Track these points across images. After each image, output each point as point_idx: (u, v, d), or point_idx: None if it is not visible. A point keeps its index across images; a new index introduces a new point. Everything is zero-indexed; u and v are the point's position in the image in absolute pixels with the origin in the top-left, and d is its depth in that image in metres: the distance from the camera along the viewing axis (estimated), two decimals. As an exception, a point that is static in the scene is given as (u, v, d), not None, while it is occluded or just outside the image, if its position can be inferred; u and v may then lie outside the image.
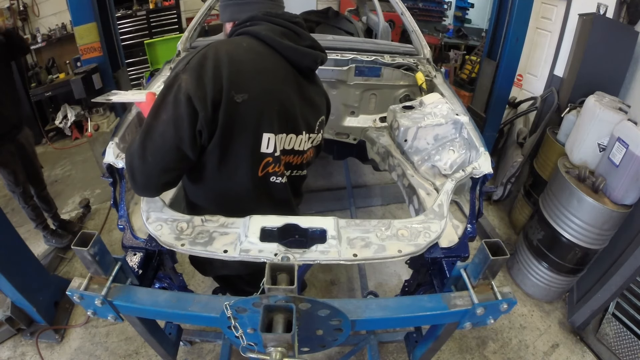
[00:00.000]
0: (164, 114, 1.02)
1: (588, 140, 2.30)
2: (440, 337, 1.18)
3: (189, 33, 2.42)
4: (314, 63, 1.22)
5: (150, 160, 1.04)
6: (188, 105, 1.00)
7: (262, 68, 1.11)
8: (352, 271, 2.76)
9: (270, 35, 1.12)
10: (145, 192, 1.15)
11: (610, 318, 2.33)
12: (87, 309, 1.02)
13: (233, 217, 1.20)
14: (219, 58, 1.04)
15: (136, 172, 1.06)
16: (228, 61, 1.04)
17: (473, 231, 1.41)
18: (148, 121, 1.04)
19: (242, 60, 1.07)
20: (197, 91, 1.00)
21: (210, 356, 2.21)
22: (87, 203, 3.31)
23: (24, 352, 2.24)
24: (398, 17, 2.62)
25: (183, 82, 1.01)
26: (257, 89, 1.08)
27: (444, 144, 1.78)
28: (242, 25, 1.16)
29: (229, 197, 1.24)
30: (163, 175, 1.08)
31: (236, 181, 1.19)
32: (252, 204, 1.25)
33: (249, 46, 1.11)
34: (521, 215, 3.11)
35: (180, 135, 1.02)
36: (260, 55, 1.12)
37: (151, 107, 1.05)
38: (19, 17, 4.37)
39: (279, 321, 0.83)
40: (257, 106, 1.09)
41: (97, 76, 3.02)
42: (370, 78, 2.30)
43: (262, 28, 1.13)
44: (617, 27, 2.76)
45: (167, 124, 1.02)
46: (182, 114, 1.00)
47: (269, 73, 1.12)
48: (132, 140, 1.09)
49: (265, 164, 1.19)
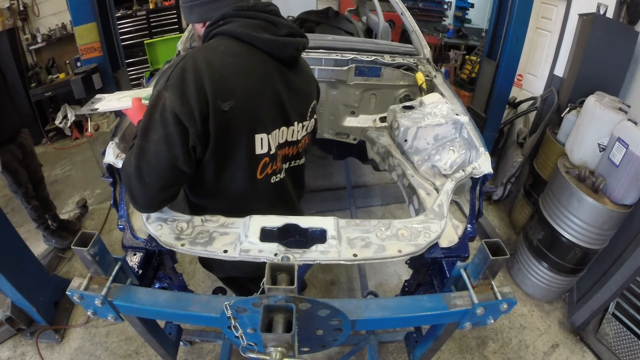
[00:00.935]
0: (153, 134, 1.00)
1: (588, 140, 2.30)
2: (440, 337, 1.18)
3: (189, 33, 2.41)
4: (296, 51, 1.18)
5: (147, 181, 1.03)
6: (177, 124, 0.98)
7: (244, 69, 1.08)
8: (352, 271, 2.76)
9: (245, 31, 1.07)
10: (146, 210, 1.15)
11: (610, 318, 2.33)
12: (87, 309, 1.02)
13: (234, 217, 1.20)
14: (198, 69, 1.00)
15: (136, 193, 1.06)
16: (208, 70, 1.01)
17: (473, 231, 1.41)
18: (139, 143, 1.02)
19: (222, 66, 1.04)
20: (183, 108, 0.98)
21: (210, 356, 2.21)
22: (84, 203, 3.31)
23: (24, 352, 2.24)
24: (398, 17, 2.63)
25: (167, 100, 0.98)
26: (242, 93, 1.06)
27: (444, 144, 1.78)
28: (215, 26, 1.11)
29: (230, 199, 1.24)
30: (162, 193, 1.09)
31: (236, 186, 1.19)
32: (253, 204, 1.25)
33: (226, 49, 1.07)
34: (521, 215, 3.12)
35: (174, 153, 1.02)
36: (240, 56, 1.08)
37: (139, 127, 1.04)
38: (19, 17, 4.36)
39: (279, 321, 0.83)
40: (246, 110, 1.07)
41: (97, 76, 3.02)
42: (370, 78, 2.30)
43: (237, 25, 1.08)
44: (617, 27, 2.76)
45: (159, 144, 1.00)
46: (171, 132, 0.99)
47: (252, 73, 1.09)
48: (126, 160, 1.08)
49: (264, 165, 1.18)
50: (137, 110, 1.22)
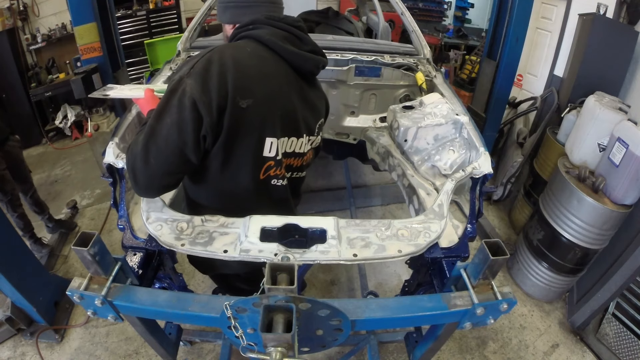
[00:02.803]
0: (167, 118, 1.02)
1: (588, 140, 2.30)
2: (440, 337, 1.18)
3: (189, 33, 2.41)
4: (316, 68, 1.24)
5: (153, 163, 1.03)
6: (193, 110, 1.00)
7: (266, 73, 1.12)
8: (352, 271, 2.76)
9: (273, 39, 1.13)
10: (146, 194, 1.15)
11: (610, 318, 2.33)
12: (87, 309, 1.02)
13: (232, 216, 1.20)
14: (224, 63, 1.04)
15: (138, 174, 1.05)
16: (233, 66, 1.04)
17: (473, 231, 1.41)
18: (151, 123, 1.03)
19: (247, 65, 1.08)
20: (202, 96, 1.00)
21: (210, 356, 2.21)
22: (74, 204, 3.29)
23: (24, 352, 2.24)
24: (398, 17, 2.62)
25: (188, 86, 1.01)
26: (262, 94, 1.10)
27: (444, 144, 1.78)
28: (245, 29, 1.16)
29: (230, 197, 1.24)
30: (165, 178, 1.08)
31: (238, 183, 1.20)
32: (252, 204, 1.26)
33: (253, 51, 1.12)
34: (521, 215, 3.12)
35: (184, 139, 1.03)
36: (264, 60, 1.13)
37: (155, 110, 1.05)
38: (19, 17, 4.36)
39: (279, 321, 0.83)
40: (262, 111, 1.10)
41: (97, 76, 3.02)
42: (370, 78, 2.30)
43: (265, 32, 1.13)
44: (617, 27, 2.76)
45: (171, 128, 1.01)
46: (186, 119, 1.01)
47: (273, 78, 1.14)
48: (133, 141, 1.08)
49: (267, 167, 1.20)
50: (149, 100, 1.26)
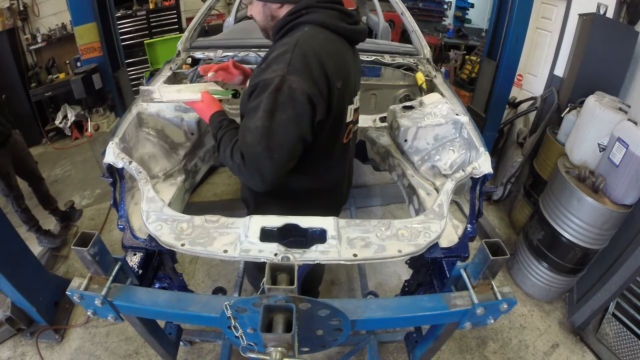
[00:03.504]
0: (281, 114, 1.07)
1: (588, 140, 2.30)
2: (440, 337, 1.18)
3: (189, 33, 2.41)
4: (365, 37, 1.36)
5: (277, 157, 1.09)
6: (308, 102, 1.09)
7: (341, 54, 1.23)
8: (352, 271, 2.76)
9: (332, 21, 1.21)
10: (272, 185, 1.16)
11: (610, 318, 2.33)
12: (87, 309, 1.02)
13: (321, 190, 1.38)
14: (317, 53, 1.12)
15: (267, 172, 1.11)
16: (325, 55, 1.14)
17: (473, 231, 1.41)
18: (265, 124, 1.06)
19: (330, 51, 1.17)
20: (313, 89, 1.09)
21: (210, 356, 2.21)
22: (71, 205, 3.29)
23: (24, 352, 2.24)
24: (398, 17, 2.62)
25: (294, 83, 1.07)
26: (345, 72, 1.22)
27: (444, 144, 1.78)
28: (298, 14, 1.20)
29: (324, 164, 1.35)
30: (289, 164, 1.15)
31: (332, 150, 1.32)
32: (337, 165, 1.42)
33: (325, 37, 1.19)
34: (521, 215, 3.12)
35: (303, 129, 1.11)
36: (335, 42, 1.22)
37: (262, 110, 1.07)
38: (19, 17, 4.36)
39: (279, 321, 0.83)
40: (347, 87, 1.25)
41: (97, 76, 3.02)
42: (370, 78, 2.30)
43: (323, 16, 1.20)
44: (617, 27, 2.76)
45: (289, 123, 1.08)
46: (302, 112, 1.09)
47: (345, 55, 1.25)
48: (244, 146, 1.10)
49: (349, 131, 1.36)
50: (210, 104, 1.31)
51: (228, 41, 2.42)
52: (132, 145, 1.64)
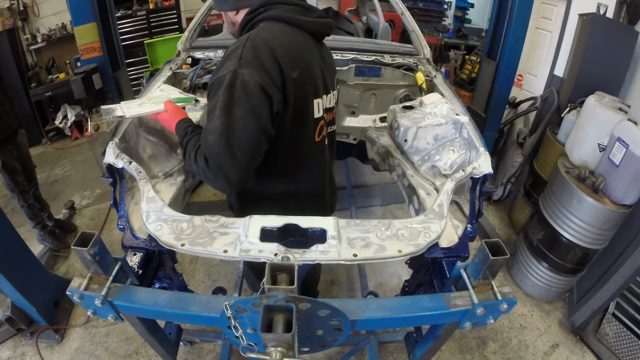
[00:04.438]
0: (238, 110, 1.06)
1: (588, 140, 2.30)
2: (440, 337, 1.18)
3: (189, 33, 2.41)
4: (329, 29, 1.36)
5: (239, 155, 1.07)
6: (261, 93, 1.07)
7: (298, 44, 1.22)
8: (352, 271, 2.76)
9: (290, 15, 1.22)
10: (239, 186, 1.15)
11: (610, 318, 2.33)
12: (87, 309, 1.02)
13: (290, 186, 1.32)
14: (268, 44, 1.11)
15: (229, 171, 1.08)
16: (277, 45, 1.12)
17: (473, 231, 1.41)
18: (224, 121, 1.05)
19: (284, 41, 1.16)
20: (264, 78, 1.07)
21: (210, 356, 2.21)
22: (71, 205, 3.30)
23: (24, 352, 2.24)
24: (398, 17, 2.62)
25: (246, 75, 1.06)
26: (303, 63, 1.20)
27: (444, 144, 1.78)
28: (257, 13, 1.22)
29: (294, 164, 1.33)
30: (253, 160, 1.13)
31: (302, 149, 1.30)
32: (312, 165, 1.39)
33: (280, 29, 1.19)
34: (521, 215, 3.12)
35: (262, 122, 1.10)
36: (291, 34, 1.22)
37: (219, 108, 1.06)
38: (19, 17, 4.36)
39: (279, 321, 0.83)
40: (307, 78, 1.22)
41: (97, 76, 3.03)
42: (370, 78, 2.30)
43: (280, 10, 1.21)
44: (617, 27, 2.76)
45: (246, 117, 1.06)
46: (258, 103, 1.07)
47: (304, 47, 1.25)
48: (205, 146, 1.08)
49: (320, 128, 1.33)
50: (174, 112, 1.29)
51: (228, 41, 2.42)
52: (132, 145, 1.64)
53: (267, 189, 1.34)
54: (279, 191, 1.35)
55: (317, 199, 1.46)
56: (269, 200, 1.35)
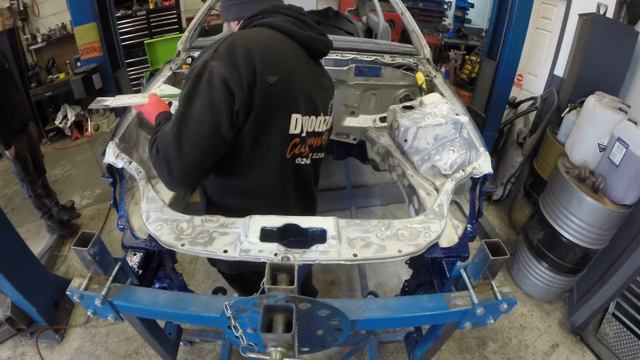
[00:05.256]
0: (197, 101, 1.03)
1: (588, 140, 2.30)
2: (440, 337, 1.18)
3: (189, 33, 2.41)
4: (326, 48, 1.32)
5: (186, 149, 1.03)
6: (224, 88, 1.02)
7: (286, 53, 1.19)
8: (352, 271, 2.76)
9: (286, 25, 1.19)
10: (182, 185, 1.11)
11: (610, 318, 2.33)
12: (87, 309, 1.02)
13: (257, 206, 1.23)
14: (247, 43, 1.08)
15: (172, 162, 1.04)
16: (257, 45, 1.09)
17: (473, 231, 1.41)
18: (181, 110, 1.04)
19: (269, 45, 1.13)
20: (232, 74, 1.03)
21: (210, 356, 2.21)
22: (72, 205, 3.30)
23: (24, 352, 2.24)
24: (398, 17, 2.62)
25: (214, 67, 1.03)
26: (286, 72, 1.14)
27: (444, 144, 1.78)
28: (254, 19, 1.20)
29: (258, 178, 1.24)
30: (201, 162, 1.08)
31: (267, 163, 1.21)
32: (279, 185, 1.28)
33: (269, 34, 1.17)
34: (521, 215, 3.12)
35: (218, 119, 1.04)
36: (282, 42, 1.19)
37: (182, 96, 1.05)
38: (19, 17, 4.37)
39: (279, 321, 0.83)
40: (287, 88, 1.15)
41: (97, 76, 3.03)
42: (370, 78, 2.30)
43: (277, 19, 1.19)
44: (617, 27, 2.76)
45: (203, 110, 1.03)
46: (217, 98, 1.02)
47: (292, 58, 1.20)
48: (159, 135, 1.07)
49: (293, 145, 1.23)
50: (156, 105, 1.27)
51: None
52: (132, 145, 1.64)
53: (228, 200, 1.30)
54: (240, 206, 1.28)
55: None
56: (230, 213, 1.23)
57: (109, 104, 1.37)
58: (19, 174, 2.68)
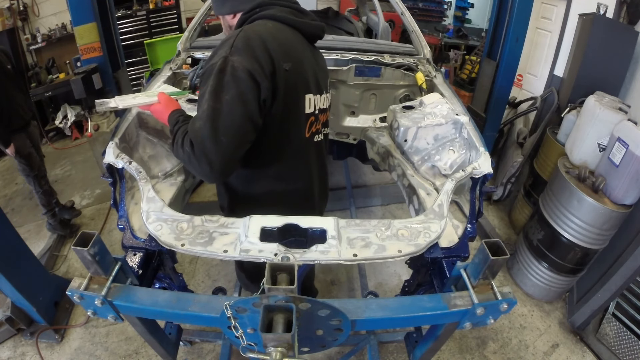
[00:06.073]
0: (226, 95, 1.07)
1: (588, 140, 2.30)
2: (440, 337, 1.18)
3: (189, 33, 2.41)
4: (322, 32, 1.40)
5: (224, 141, 1.06)
6: (250, 80, 1.08)
7: (290, 41, 1.26)
8: (352, 271, 2.76)
9: (284, 15, 1.26)
10: (223, 175, 1.16)
11: (610, 318, 2.33)
12: (87, 309, 1.02)
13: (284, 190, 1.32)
14: (260, 36, 1.14)
15: (212, 155, 1.07)
16: (271, 38, 1.16)
17: (473, 231, 1.41)
18: (211, 105, 1.06)
19: (277, 36, 1.20)
20: (254, 65, 1.09)
21: (210, 356, 2.21)
22: (72, 205, 3.30)
23: (24, 352, 2.24)
24: (398, 17, 2.62)
25: (236, 62, 1.08)
26: (295, 58, 1.23)
27: (444, 144, 1.78)
28: (252, 13, 1.25)
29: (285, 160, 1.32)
30: (238, 151, 1.13)
31: (291, 144, 1.30)
32: (302, 164, 1.37)
33: (274, 26, 1.23)
34: (521, 215, 3.12)
35: (249, 108, 1.10)
36: (285, 32, 1.25)
37: (208, 93, 1.07)
38: (19, 17, 4.37)
39: (279, 321, 0.83)
40: (299, 72, 1.25)
41: (97, 76, 3.03)
42: (370, 78, 2.30)
43: (275, 10, 1.25)
44: (617, 27, 2.76)
45: (233, 102, 1.07)
46: (246, 89, 1.08)
47: (296, 44, 1.28)
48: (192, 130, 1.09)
49: (310, 123, 1.34)
50: (167, 104, 1.29)
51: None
52: (132, 145, 1.64)
53: (254, 187, 1.34)
54: (266, 190, 1.34)
55: (304, 199, 1.44)
56: (257, 201, 1.35)
57: (116, 106, 1.35)
58: (23, 169, 2.69)
